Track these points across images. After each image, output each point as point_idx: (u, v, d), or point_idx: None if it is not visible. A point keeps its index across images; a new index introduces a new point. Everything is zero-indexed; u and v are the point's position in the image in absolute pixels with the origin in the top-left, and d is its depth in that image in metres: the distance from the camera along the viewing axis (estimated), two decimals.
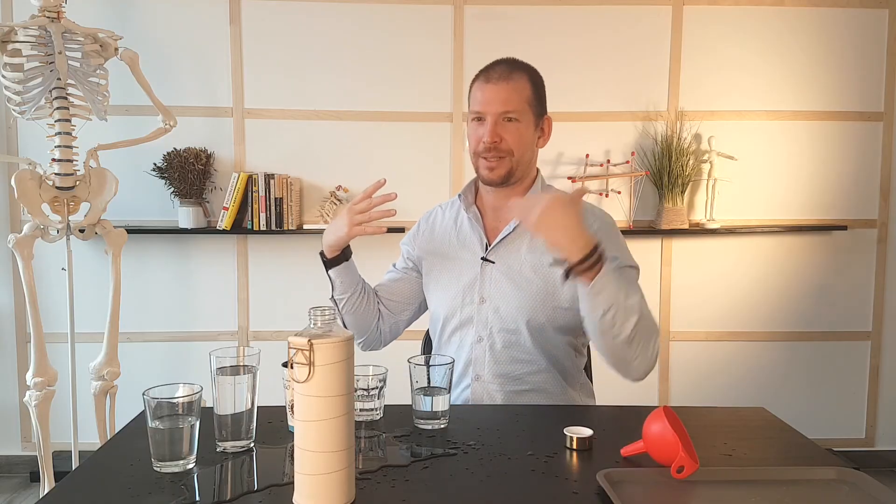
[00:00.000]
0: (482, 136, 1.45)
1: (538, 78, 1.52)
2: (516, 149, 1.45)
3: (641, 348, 1.28)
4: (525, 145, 1.47)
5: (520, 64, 1.51)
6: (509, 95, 1.44)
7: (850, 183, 3.10)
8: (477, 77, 1.51)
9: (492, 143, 1.44)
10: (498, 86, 1.45)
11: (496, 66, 1.49)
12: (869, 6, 3.02)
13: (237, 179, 2.86)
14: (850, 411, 3.19)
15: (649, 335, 1.29)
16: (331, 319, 0.94)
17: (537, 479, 1.03)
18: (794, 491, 0.99)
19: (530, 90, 1.47)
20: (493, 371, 1.49)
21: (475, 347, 1.51)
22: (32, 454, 2.91)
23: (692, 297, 3.11)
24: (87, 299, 2.87)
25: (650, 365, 1.32)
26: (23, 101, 2.31)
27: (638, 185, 3.03)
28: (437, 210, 1.67)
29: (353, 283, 1.56)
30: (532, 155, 1.52)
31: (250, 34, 2.95)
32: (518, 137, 1.45)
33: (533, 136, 1.50)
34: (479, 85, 1.48)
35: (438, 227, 1.63)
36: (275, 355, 1.31)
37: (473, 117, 1.49)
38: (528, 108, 1.47)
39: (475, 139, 1.48)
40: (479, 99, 1.47)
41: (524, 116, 1.46)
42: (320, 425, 0.91)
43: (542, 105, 1.51)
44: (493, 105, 1.44)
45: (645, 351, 1.29)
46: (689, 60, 3.02)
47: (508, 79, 1.45)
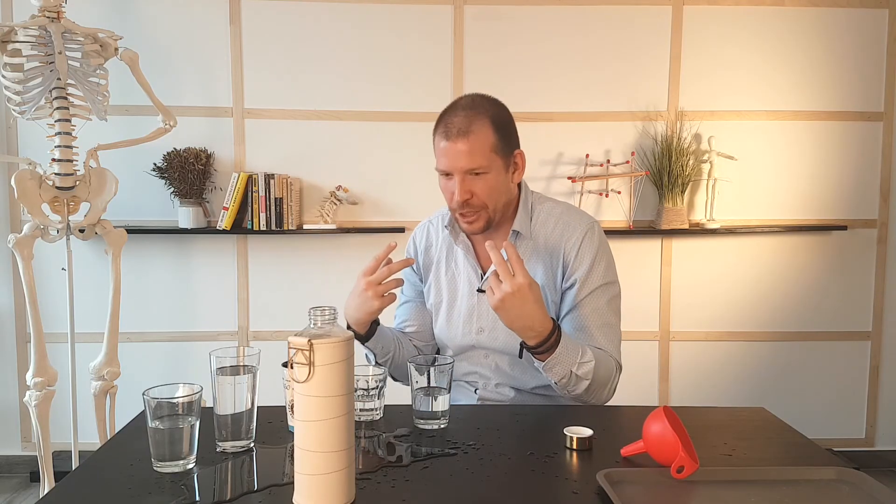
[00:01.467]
0: (453, 192, 1.40)
1: (502, 115, 1.42)
2: (489, 201, 1.41)
3: (594, 396, 1.40)
4: (498, 194, 1.42)
5: (479, 106, 1.40)
6: (472, 150, 1.36)
7: (850, 183, 3.10)
8: (437, 125, 1.42)
9: (463, 201, 1.39)
10: (458, 143, 1.36)
11: (454, 116, 1.38)
12: (869, 6, 3.02)
13: (237, 179, 2.86)
14: (850, 411, 3.19)
15: (602, 387, 1.40)
16: (331, 319, 0.94)
17: (537, 479, 1.03)
18: (794, 491, 0.99)
19: (493, 137, 1.38)
20: (501, 381, 1.52)
21: (482, 363, 1.53)
22: (32, 454, 2.92)
23: (692, 297, 3.11)
24: (87, 299, 2.87)
25: (606, 400, 1.45)
26: (23, 101, 2.31)
27: (638, 185, 3.03)
28: (430, 228, 1.62)
29: (390, 342, 1.51)
30: (509, 195, 1.47)
31: (250, 34, 2.95)
32: (488, 190, 1.40)
33: (505, 179, 1.44)
34: (440, 138, 1.40)
35: (434, 249, 1.59)
36: (275, 355, 1.31)
37: (441, 174, 1.43)
38: (495, 155, 1.39)
39: (447, 194, 1.43)
40: (442, 155, 1.40)
41: (492, 166, 1.39)
42: (320, 425, 0.91)
43: (510, 144, 1.43)
44: (457, 162, 1.37)
45: (598, 395, 1.41)
46: (689, 60, 3.02)
47: (468, 133, 1.36)
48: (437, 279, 1.57)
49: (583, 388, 1.35)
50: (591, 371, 1.34)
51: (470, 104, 1.41)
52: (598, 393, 1.40)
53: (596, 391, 1.39)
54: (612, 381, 1.43)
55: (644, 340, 3.12)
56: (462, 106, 1.41)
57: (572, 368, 1.33)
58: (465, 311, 1.52)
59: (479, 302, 1.50)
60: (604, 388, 1.40)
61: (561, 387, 1.36)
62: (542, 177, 3.03)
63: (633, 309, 3.09)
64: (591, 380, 1.35)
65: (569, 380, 1.34)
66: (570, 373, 1.33)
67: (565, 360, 1.32)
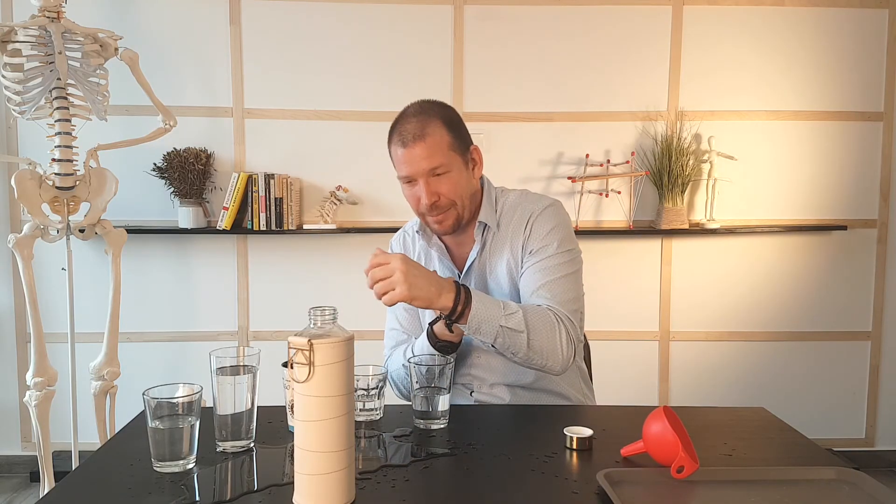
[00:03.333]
0: (420, 197, 1.42)
1: (452, 116, 1.45)
2: (457, 198, 1.43)
3: (548, 354, 1.34)
4: (463, 189, 1.44)
5: (429, 111, 1.43)
6: (430, 152, 1.38)
7: (850, 183, 3.09)
8: (391, 137, 1.45)
9: (431, 203, 1.41)
10: (416, 147, 1.38)
11: (406, 123, 1.41)
12: (869, 6, 3.02)
13: (237, 179, 2.86)
14: (850, 411, 3.19)
15: (548, 339, 1.34)
16: (331, 319, 0.94)
17: (537, 479, 1.03)
18: (794, 491, 0.99)
19: (448, 136, 1.41)
20: (495, 381, 1.51)
21: (474, 363, 1.52)
22: (32, 454, 2.92)
23: (692, 297, 3.11)
24: (87, 299, 2.87)
25: (567, 360, 1.37)
26: (23, 101, 2.31)
27: (638, 185, 3.03)
28: (405, 237, 1.63)
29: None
30: (473, 190, 1.49)
31: (250, 34, 2.95)
32: (453, 186, 1.42)
33: (467, 175, 1.46)
34: (396, 147, 1.42)
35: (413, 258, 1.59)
36: (275, 355, 1.31)
37: (404, 181, 1.44)
38: (453, 153, 1.42)
39: (414, 200, 1.44)
40: (401, 162, 1.42)
41: (452, 164, 1.41)
42: (320, 425, 0.91)
43: (464, 141, 1.46)
44: (418, 166, 1.39)
45: (553, 354, 1.34)
46: (689, 60, 3.02)
47: (423, 136, 1.39)
48: None
49: (524, 344, 1.31)
50: (521, 321, 1.31)
51: (419, 110, 1.43)
52: (549, 350, 1.33)
53: (543, 346, 1.32)
54: (557, 332, 1.34)
55: (644, 340, 3.12)
56: (412, 113, 1.43)
57: (500, 322, 1.29)
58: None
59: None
60: (552, 342, 1.33)
61: (504, 350, 1.32)
62: (542, 177, 3.03)
63: (634, 309, 3.10)
64: (525, 330, 1.30)
65: (504, 338, 1.30)
66: (500, 327, 1.29)
67: (488, 315, 1.29)
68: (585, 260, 1.52)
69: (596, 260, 3.02)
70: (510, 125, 2.99)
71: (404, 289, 1.24)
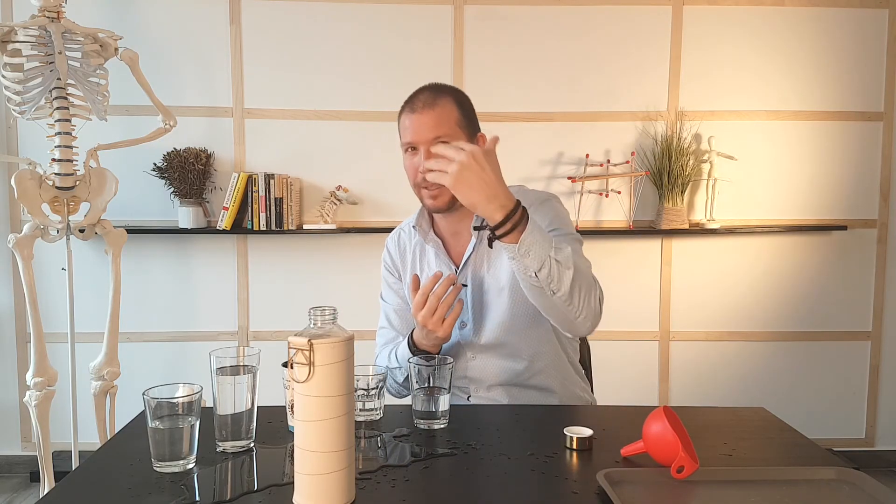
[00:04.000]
0: (418, 165, 1.39)
1: (464, 99, 1.46)
2: None
3: (584, 303, 1.28)
4: None
5: (443, 88, 1.45)
6: (438, 121, 1.39)
7: (850, 183, 3.10)
8: (402, 108, 1.45)
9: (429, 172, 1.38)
10: (424, 114, 1.39)
11: (419, 94, 1.43)
12: (869, 6, 3.02)
13: (237, 179, 2.86)
14: (850, 411, 3.19)
15: (589, 288, 1.29)
16: (331, 319, 0.94)
17: (537, 479, 1.03)
18: (794, 491, 0.99)
19: (458, 112, 1.42)
20: (491, 382, 1.51)
21: (469, 366, 1.52)
22: (32, 454, 2.92)
23: (692, 297, 3.11)
24: (87, 299, 2.87)
25: (596, 318, 1.32)
26: (23, 101, 2.31)
27: (638, 185, 3.03)
28: (401, 234, 1.62)
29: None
30: None
31: (250, 34, 2.95)
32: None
33: None
34: (406, 116, 1.43)
35: (408, 254, 1.59)
36: (275, 355, 1.31)
37: (406, 149, 1.44)
38: (459, 129, 1.41)
39: (412, 171, 1.43)
40: (407, 129, 1.42)
41: (456, 138, 1.40)
42: (320, 425, 0.91)
43: (472, 125, 1.46)
44: (423, 132, 1.39)
45: (588, 305, 1.29)
46: (688, 60, 3.02)
47: (434, 105, 1.40)
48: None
49: (568, 281, 1.23)
50: (570, 257, 1.24)
51: (434, 86, 1.45)
52: (585, 295, 1.27)
53: (583, 291, 1.27)
54: (596, 287, 1.31)
55: (644, 340, 3.12)
56: (426, 87, 1.45)
57: (550, 253, 1.21)
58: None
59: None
60: (590, 291, 1.29)
61: (545, 284, 1.23)
62: (542, 177, 3.03)
63: (633, 309, 3.10)
64: (573, 269, 1.23)
65: (550, 269, 1.21)
66: (549, 258, 1.21)
67: (540, 241, 1.21)
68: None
69: (596, 260, 2.96)
70: (510, 125, 2.99)
71: (449, 179, 1.19)
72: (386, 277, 1.64)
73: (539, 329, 1.48)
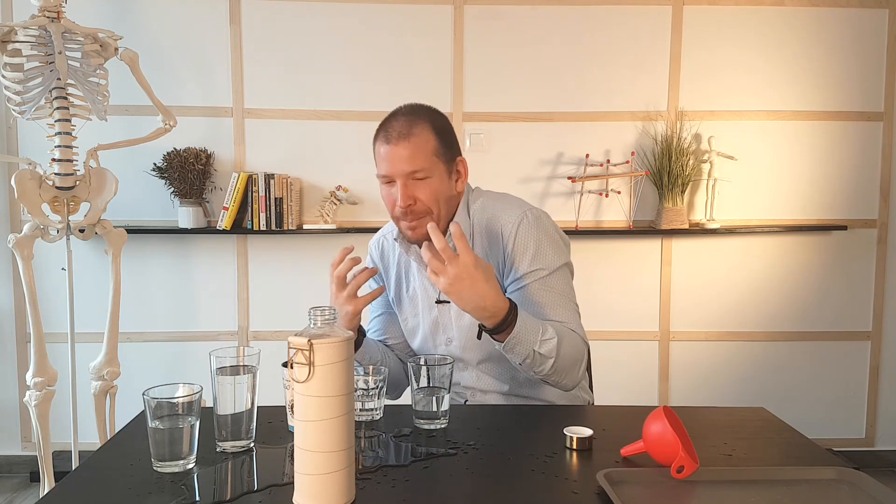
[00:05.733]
0: (395, 199, 1.37)
1: (442, 122, 1.42)
2: (433, 205, 1.38)
3: (565, 376, 1.35)
4: (441, 199, 1.39)
5: (420, 112, 1.40)
6: (413, 154, 1.34)
7: (850, 183, 3.09)
8: (377, 134, 1.40)
9: (406, 207, 1.36)
10: (399, 146, 1.34)
11: (394, 121, 1.38)
12: (869, 6, 3.02)
13: (237, 179, 2.86)
14: (850, 411, 3.19)
15: (571, 365, 1.35)
16: (331, 319, 0.94)
17: (537, 479, 1.03)
18: (794, 491, 0.99)
19: (434, 141, 1.37)
20: (486, 388, 1.51)
21: (461, 375, 1.52)
22: (32, 454, 2.92)
23: (692, 297, 3.11)
24: (87, 299, 2.87)
25: (579, 380, 1.40)
26: (23, 101, 2.31)
27: (638, 185, 3.03)
28: (384, 242, 1.60)
29: (376, 353, 1.52)
30: (452, 201, 1.44)
31: (250, 34, 2.95)
32: (431, 194, 1.37)
33: (448, 185, 1.41)
34: (381, 144, 1.38)
35: (392, 266, 1.58)
36: (275, 355, 1.31)
37: (383, 181, 1.40)
38: (436, 159, 1.37)
39: (389, 202, 1.40)
40: (383, 160, 1.37)
41: (434, 170, 1.37)
42: (320, 425, 0.91)
43: (451, 150, 1.41)
44: (399, 166, 1.35)
45: (570, 376, 1.36)
46: (688, 60, 3.02)
47: (409, 136, 1.35)
48: (398, 295, 1.57)
49: (548, 367, 1.30)
50: (553, 349, 1.29)
51: (410, 111, 1.40)
52: (568, 372, 1.34)
53: (565, 370, 1.33)
54: (582, 360, 1.37)
55: (644, 340, 3.12)
56: (402, 112, 1.40)
57: (534, 347, 1.28)
58: (429, 326, 1.51)
59: (442, 313, 1.49)
60: (574, 367, 1.35)
61: (526, 367, 1.31)
62: (542, 177, 3.03)
63: (634, 309, 3.10)
64: (555, 357, 1.29)
65: (532, 360, 1.29)
66: (533, 352, 1.28)
67: (526, 339, 1.27)
68: (586, 260, 1.52)
69: (596, 260, 3.01)
70: (510, 125, 2.99)
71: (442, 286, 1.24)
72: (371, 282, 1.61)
73: None
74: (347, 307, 1.39)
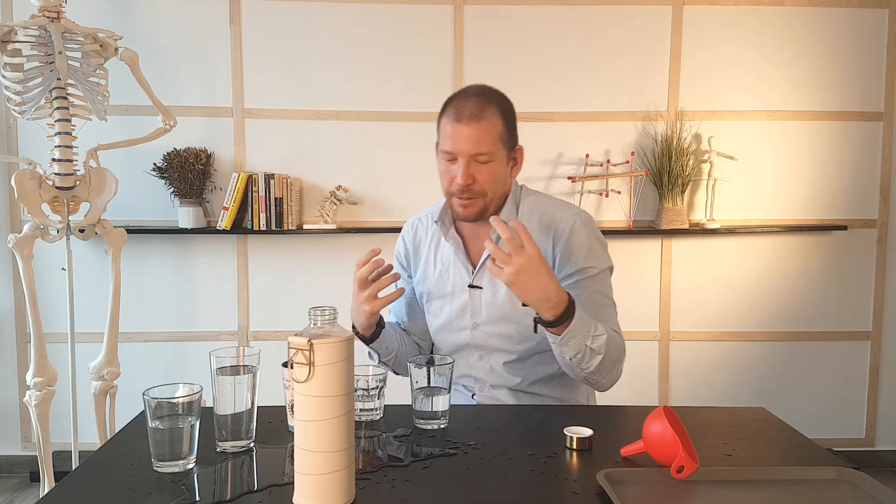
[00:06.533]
0: (455, 176, 1.40)
1: (509, 108, 1.45)
2: (490, 188, 1.41)
3: (605, 375, 1.38)
4: (498, 183, 1.43)
5: (491, 95, 1.43)
6: (481, 136, 1.37)
7: (850, 183, 3.09)
8: (447, 109, 1.43)
9: (465, 185, 1.39)
10: (469, 126, 1.37)
11: (466, 100, 1.40)
12: (869, 6, 3.02)
13: (237, 179, 2.86)
14: (850, 411, 3.18)
15: (613, 364, 1.37)
16: (331, 319, 0.94)
17: (537, 479, 1.03)
18: (794, 491, 0.99)
19: (502, 126, 1.40)
20: (494, 383, 1.51)
21: (475, 366, 1.52)
22: (32, 454, 2.91)
23: (692, 297, 3.11)
24: (87, 299, 2.87)
25: (614, 382, 1.42)
26: (23, 101, 2.31)
27: (638, 185, 3.03)
28: (418, 225, 1.62)
29: (393, 342, 1.52)
30: (506, 187, 1.48)
31: (250, 34, 2.95)
32: (491, 177, 1.40)
33: (506, 171, 1.45)
34: (449, 122, 1.40)
35: (423, 247, 1.59)
36: (275, 355, 1.31)
37: (444, 155, 1.42)
38: (501, 144, 1.40)
39: (448, 178, 1.42)
40: (449, 137, 1.39)
41: (496, 154, 1.40)
42: (320, 425, 0.91)
43: (513, 137, 1.45)
44: (465, 146, 1.37)
45: (609, 376, 1.39)
46: (688, 60, 3.02)
47: (480, 118, 1.37)
48: (426, 276, 1.57)
49: (595, 364, 1.32)
50: (603, 345, 1.31)
51: (482, 91, 1.43)
52: (608, 371, 1.36)
53: (607, 369, 1.35)
54: (622, 360, 1.40)
55: (644, 340, 3.12)
56: (474, 92, 1.42)
57: (587, 342, 1.30)
58: (457, 308, 1.51)
59: (473, 297, 1.49)
60: (614, 365, 1.37)
61: (575, 364, 1.32)
62: (542, 177, 3.03)
63: (633, 309, 3.10)
64: (603, 354, 1.32)
65: (583, 355, 1.30)
66: (585, 347, 1.30)
67: (580, 333, 1.29)
68: None
69: None
70: None
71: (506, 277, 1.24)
72: (397, 263, 1.64)
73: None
74: (365, 307, 1.39)
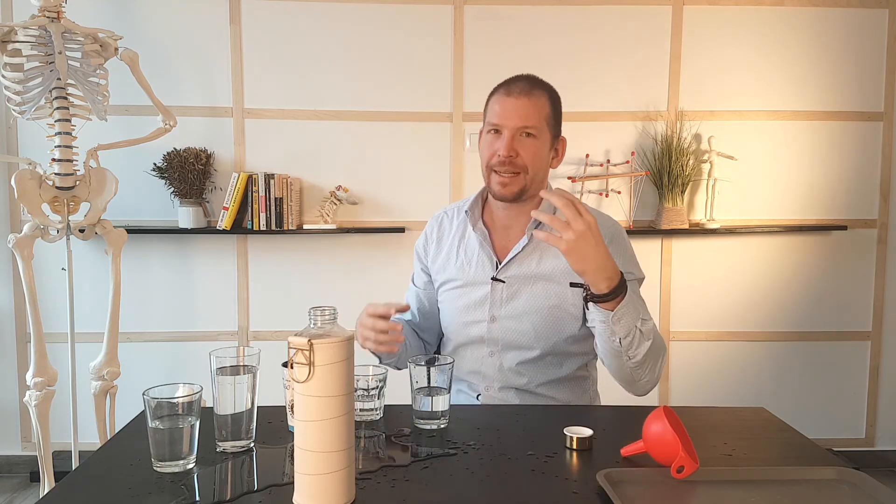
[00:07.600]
0: (498, 149, 1.41)
1: (557, 98, 1.49)
2: (531, 165, 1.42)
3: (650, 370, 1.35)
4: (540, 162, 1.44)
5: (541, 82, 1.47)
6: (529, 111, 1.41)
7: (850, 183, 3.09)
8: (497, 90, 1.47)
9: (507, 158, 1.40)
10: (519, 100, 1.41)
11: (517, 80, 1.45)
12: (869, 6, 3.02)
13: (237, 179, 2.86)
14: (850, 411, 3.19)
15: (657, 357, 1.35)
16: (331, 319, 0.94)
17: (537, 479, 1.03)
18: (794, 491, 0.99)
19: (549, 108, 1.44)
20: (502, 383, 1.50)
21: (485, 362, 1.51)
22: (32, 454, 2.91)
23: (692, 297, 3.11)
24: (87, 299, 2.87)
25: (655, 383, 1.39)
26: (23, 101, 2.31)
27: (638, 185, 3.03)
28: (444, 218, 1.62)
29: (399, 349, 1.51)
30: (545, 174, 1.49)
31: (250, 34, 2.95)
32: (534, 154, 1.42)
33: (548, 155, 1.47)
34: (499, 98, 1.44)
35: (446, 238, 1.59)
36: (275, 355, 1.31)
37: (490, 129, 1.45)
38: (546, 125, 1.44)
39: (489, 152, 1.44)
40: (497, 111, 1.43)
41: (542, 133, 1.43)
42: (320, 425, 0.91)
43: (558, 125, 1.49)
44: (512, 119, 1.41)
45: (652, 371, 1.36)
46: (689, 60, 3.02)
47: (529, 94, 1.42)
48: (446, 265, 1.56)
49: (644, 352, 1.29)
50: (651, 330, 1.30)
51: (533, 78, 1.47)
52: (651, 365, 1.33)
53: (650, 362, 1.32)
54: (664, 355, 1.37)
55: None
56: (525, 77, 1.47)
57: (636, 324, 1.27)
58: (476, 298, 1.50)
59: (494, 290, 1.49)
60: (657, 360, 1.34)
61: (624, 348, 1.29)
62: None
63: None
64: (651, 340, 1.29)
65: (633, 338, 1.28)
66: (635, 328, 1.27)
67: (631, 312, 1.27)
68: None
69: None
70: None
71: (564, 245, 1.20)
72: (415, 262, 1.65)
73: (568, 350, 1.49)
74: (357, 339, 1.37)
